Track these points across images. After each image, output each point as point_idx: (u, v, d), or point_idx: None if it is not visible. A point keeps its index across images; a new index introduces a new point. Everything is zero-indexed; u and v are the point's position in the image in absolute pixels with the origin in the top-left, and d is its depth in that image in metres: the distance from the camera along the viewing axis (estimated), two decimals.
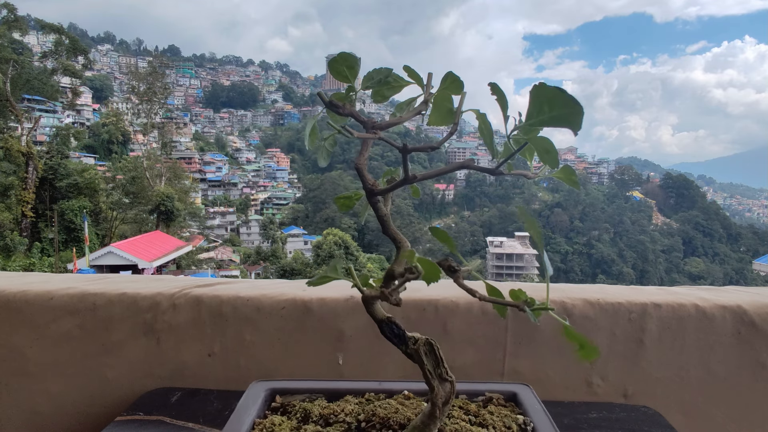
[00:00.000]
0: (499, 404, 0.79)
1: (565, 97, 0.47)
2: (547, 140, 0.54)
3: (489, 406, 0.78)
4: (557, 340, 1.15)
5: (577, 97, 0.47)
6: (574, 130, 0.47)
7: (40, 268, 20.24)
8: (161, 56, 49.84)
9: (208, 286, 1.25)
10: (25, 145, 24.94)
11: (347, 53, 0.59)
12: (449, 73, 0.59)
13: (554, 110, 0.49)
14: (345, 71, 0.60)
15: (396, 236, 0.63)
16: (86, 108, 71.45)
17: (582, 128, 0.48)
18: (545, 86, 0.48)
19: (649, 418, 1.04)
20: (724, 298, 1.17)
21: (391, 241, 0.64)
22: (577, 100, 0.47)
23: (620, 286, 1.30)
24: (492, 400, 0.79)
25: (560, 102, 0.48)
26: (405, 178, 0.60)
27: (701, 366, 1.14)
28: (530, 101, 0.50)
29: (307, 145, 0.61)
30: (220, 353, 1.20)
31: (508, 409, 0.77)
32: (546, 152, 0.55)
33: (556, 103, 0.48)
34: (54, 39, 28.66)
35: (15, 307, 1.20)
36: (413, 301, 1.17)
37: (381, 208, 0.63)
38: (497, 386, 0.82)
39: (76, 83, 31.54)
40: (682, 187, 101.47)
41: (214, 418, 1.02)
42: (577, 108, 0.47)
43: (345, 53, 0.59)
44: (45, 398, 1.22)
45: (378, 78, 0.62)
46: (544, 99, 0.49)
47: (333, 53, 0.59)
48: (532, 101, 0.50)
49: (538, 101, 0.50)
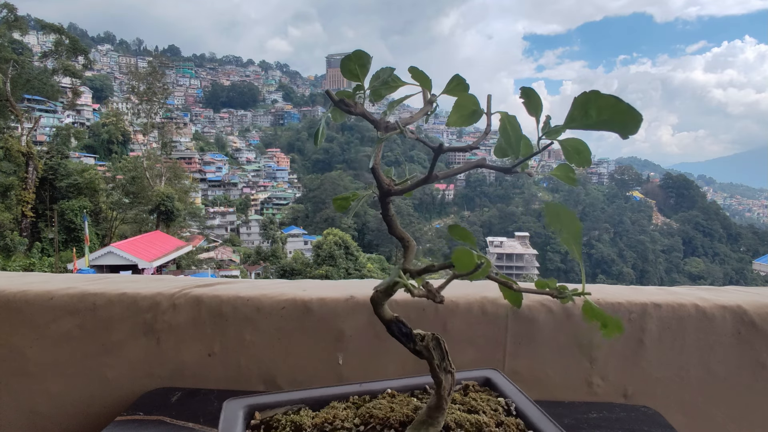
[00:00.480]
0: (476, 390, 0.81)
1: (623, 105, 0.48)
2: (580, 141, 0.55)
3: (469, 393, 0.79)
4: (557, 340, 1.15)
5: None
6: (628, 134, 0.49)
7: (40, 268, 20.23)
8: (161, 56, 49.79)
9: (208, 286, 1.25)
10: (25, 145, 24.94)
11: (361, 51, 0.59)
12: (456, 76, 0.60)
13: (604, 115, 0.49)
14: (356, 69, 0.60)
15: (403, 235, 0.64)
16: (86, 108, 71.40)
17: None
18: (600, 94, 0.49)
19: (649, 418, 1.04)
20: (724, 298, 1.17)
21: (399, 240, 0.65)
22: (635, 108, 0.48)
23: (620, 286, 1.30)
24: (469, 387, 0.81)
25: (619, 109, 0.49)
26: (427, 177, 0.60)
27: (701, 366, 1.14)
28: (574, 106, 0.51)
29: (318, 142, 0.61)
30: (220, 353, 1.20)
31: (485, 394, 0.79)
32: (577, 153, 0.55)
33: (612, 110, 0.49)
34: (54, 39, 28.67)
35: (15, 307, 1.20)
36: (413, 301, 1.17)
37: (390, 208, 0.64)
38: (470, 374, 0.85)
39: (77, 83, 31.55)
40: (682, 187, 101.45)
41: (214, 418, 1.02)
42: (636, 116, 0.48)
43: (359, 51, 0.59)
44: (45, 398, 1.22)
45: (383, 77, 0.63)
46: (593, 105, 0.50)
47: (333, 53, 0.60)
48: (577, 106, 0.50)
49: (584, 106, 0.50)
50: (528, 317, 1.15)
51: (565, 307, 1.15)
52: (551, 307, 1.15)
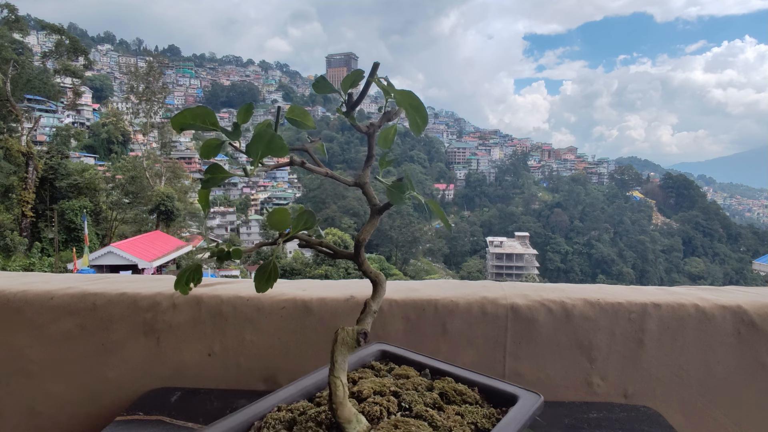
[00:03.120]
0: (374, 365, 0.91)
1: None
2: (409, 93, 0.61)
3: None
4: (557, 340, 1.15)
5: (577, 97, 0.49)
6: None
7: (40, 268, 20.22)
8: (160, 56, 49.77)
9: (208, 286, 1.25)
10: (25, 145, 24.94)
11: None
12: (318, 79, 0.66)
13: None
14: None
15: (370, 275, 0.71)
16: (86, 108, 71.37)
17: (582, 128, 0.50)
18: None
19: (649, 418, 1.04)
20: (724, 298, 1.17)
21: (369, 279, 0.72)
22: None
23: (620, 286, 1.30)
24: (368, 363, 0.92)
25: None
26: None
27: (701, 366, 1.14)
28: None
29: None
30: (220, 353, 1.20)
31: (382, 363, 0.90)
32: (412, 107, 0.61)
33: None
34: (54, 39, 28.67)
35: (15, 307, 1.20)
36: (412, 301, 1.17)
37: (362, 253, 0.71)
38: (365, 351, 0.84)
39: (77, 83, 31.54)
40: (682, 187, 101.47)
41: (214, 418, 1.02)
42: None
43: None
44: (45, 398, 1.22)
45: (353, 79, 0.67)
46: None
47: (333, 53, 0.60)
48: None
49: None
50: (528, 317, 1.15)
51: (565, 307, 1.15)
52: (551, 307, 1.15)
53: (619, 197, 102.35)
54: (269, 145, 0.59)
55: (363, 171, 0.68)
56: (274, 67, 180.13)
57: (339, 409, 0.65)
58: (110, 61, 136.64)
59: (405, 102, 0.60)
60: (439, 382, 0.82)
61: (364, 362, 0.90)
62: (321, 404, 0.75)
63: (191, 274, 0.70)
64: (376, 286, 0.70)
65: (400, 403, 0.74)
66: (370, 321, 0.67)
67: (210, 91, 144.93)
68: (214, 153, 0.63)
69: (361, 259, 0.69)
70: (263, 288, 0.71)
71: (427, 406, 0.74)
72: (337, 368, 0.65)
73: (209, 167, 0.64)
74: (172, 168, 35.40)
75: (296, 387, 0.80)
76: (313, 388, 0.81)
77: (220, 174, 0.62)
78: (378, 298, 0.69)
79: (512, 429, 0.69)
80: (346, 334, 0.66)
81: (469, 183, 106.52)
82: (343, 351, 0.65)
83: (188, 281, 0.70)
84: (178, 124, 0.60)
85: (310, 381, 0.82)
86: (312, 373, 0.84)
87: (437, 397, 0.77)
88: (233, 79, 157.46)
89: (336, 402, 0.64)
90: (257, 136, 0.59)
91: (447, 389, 0.80)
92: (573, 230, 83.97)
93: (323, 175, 0.68)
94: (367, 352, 0.92)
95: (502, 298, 1.16)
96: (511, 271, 65.58)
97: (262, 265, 0.72)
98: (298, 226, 0.67)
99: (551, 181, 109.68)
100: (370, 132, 0.66)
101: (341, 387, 0.65)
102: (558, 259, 74.45)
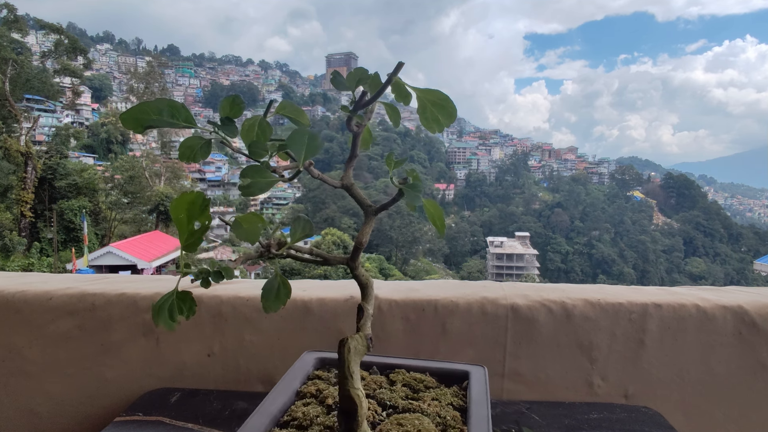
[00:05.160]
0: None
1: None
2: (435, 91, 0.58)
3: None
4: (557, 340, 1.15)
5: (578, 97, 0.48)
6: None
7: (39, 268, 20.22)
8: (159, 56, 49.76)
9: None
10: (24, 145, 24.93)
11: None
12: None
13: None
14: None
15: (361, 280, 0.68)
16: (85, 107, 71.33)
17: (582, 128, 0.49)
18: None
19: (649, 419, 1.03)
20: (724, 298, 1.17)
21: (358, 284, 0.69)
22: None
23: (621, 286, 1.30)
24: None
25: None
26: None
27: (702, 366, 1.14)
28: None
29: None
30: (219, 353, 1.19)
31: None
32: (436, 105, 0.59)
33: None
34: (54, 39, 28.66)
35: (14, 308, 1.20)
36: (412, 301, 1.17)
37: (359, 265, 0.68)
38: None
39: (76, 83, 31.54)
40: (682, 187, 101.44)
41: (213, 418, 1.01)
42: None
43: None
44: (44, 398, 1.21)
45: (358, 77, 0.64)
46: None
47: (333, 52, 0.59)
48: None
49: None
50: (528, 317, 1.15)
51: (566, 307, 1.15)
52: (551, 308, 1.15)
53: (619, 197, 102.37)
54: (311, 145, 0.53)
55: (346, 171, 0.63)
56: (274, 66, 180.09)
57: (363, 424, 0.60)
58: (109, 61, 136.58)
59: (427, 100, 0.58)
60: (394, 376, 0.82)
61: (308, 375, 0.84)
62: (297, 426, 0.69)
63: (175, 303, 0.55)
64: (366, 288, 0.66)
65: (378, 403, 0.74)
66: (370, 324, 0.65)
67: (209, 90, 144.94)
68: (202, 155, 0.52)
69: (355, 263, 0.65)
70: (274, 307, 0.63)
71: (406, 400, 0.75)
72: (355, 380, 0.60)
73: (248, 170, 0.52)
74: (172, 168, 35.41)
75: (262, 415, 0.69)
76: (279, 413, 0.72)
77: (263, 178, 0.51)
78: (371, 300, 0.66)
79: (483, 396, 0.72)
80: (358, 342, 0.62)
81: (469, 183, 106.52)
82: (357, 360, 0.61)
83: (172, 315, 0.55)
84: (131, 121, 0.50)
85: (274, 406, 0.72)
86: (271, 392, 0.75)
87: (407, 390, 0.78)
88: (233, 78, 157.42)
89: (361, 417, 0.60)
90: (295, 134, 0.52)
91: (408, 380, 0.81)
92: (573, 230, 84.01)
93: (320, 179, 0.65)
94: (304, 364, 0.86)
95: (502, 298, 1.16)
96: (511, 272, 65.58)
97: (268, 282, 0.64)
98: (296, 234, 0.61)
99: (552, 181, 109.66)
100: (358, 131, 0.63)
101: (365, 401, 0.61)
102: (558, 259, 74.47)
